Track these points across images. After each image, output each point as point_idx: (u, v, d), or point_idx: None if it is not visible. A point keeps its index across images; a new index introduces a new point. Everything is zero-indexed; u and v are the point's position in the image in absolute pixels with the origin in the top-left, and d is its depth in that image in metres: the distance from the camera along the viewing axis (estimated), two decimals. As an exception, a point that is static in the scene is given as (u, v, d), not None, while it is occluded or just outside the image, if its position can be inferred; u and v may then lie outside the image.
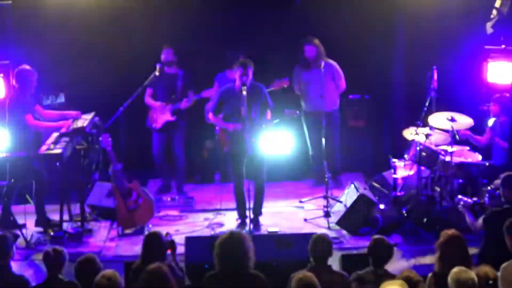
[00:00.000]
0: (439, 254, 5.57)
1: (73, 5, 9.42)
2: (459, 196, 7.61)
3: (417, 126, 8.10)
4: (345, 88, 9.51)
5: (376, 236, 5.80)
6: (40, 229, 8.24)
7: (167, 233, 6.25)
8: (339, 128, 9.65)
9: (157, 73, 8.99)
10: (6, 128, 8.16)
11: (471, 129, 8.51)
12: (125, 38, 9.80)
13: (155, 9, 9.79)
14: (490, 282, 5.08)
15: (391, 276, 5.39)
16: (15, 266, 6.00)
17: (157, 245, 5.83)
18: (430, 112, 8.37)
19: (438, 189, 8.16)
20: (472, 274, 4.98)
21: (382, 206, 8.28)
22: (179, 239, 7.44)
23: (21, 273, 5.97)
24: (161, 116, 9.19)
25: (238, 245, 5.22)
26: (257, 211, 8.22)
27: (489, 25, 9.18)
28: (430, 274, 5.48)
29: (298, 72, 9.47)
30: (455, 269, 5.00)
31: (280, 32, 9.87)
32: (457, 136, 8.15)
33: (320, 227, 8.27)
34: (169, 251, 6.12)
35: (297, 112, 8.24)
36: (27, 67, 8.19)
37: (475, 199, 7.53)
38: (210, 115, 8.21)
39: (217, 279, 5.23)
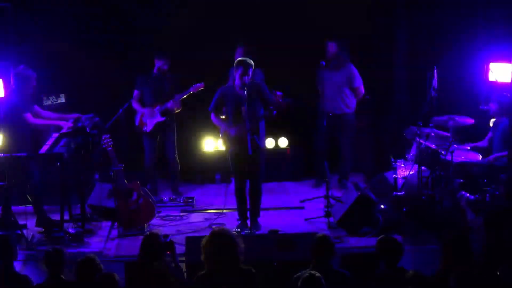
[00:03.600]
0: (443, 253, 5.57)
1: (73, 6, 9.42)
2: (462, 192, 7.57)
3: (418, 126, 8.09)
4: (363, 93, 9.48)
5: (381, 237, 5.78)
6: (40, 229, 8.26)
7: (166, 235, 6.26)
8: (352, 132, 9.63)
9: (157, 74, 9.02)
10: (3, 129, 8.15)
11: (471, 129, 8.51)
12: (126, 39, 9.82)
13: (156, 9, 9.80)
14: (490, 281, 5.08)
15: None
16: (16, 266, 6.00)
17: (154, 247, 5.84)
18: (430, 112, 8.37)
19: (438, 189, 8.16)
20: (473, 273, 4.98)
21: (382, 206, 8.28)
22: (180, 239, 7.46)
23: (23, 274, 6.00)
24: (151, 119, 9.19)
25: (223, 241, 5.24)
26: (255, 213, 8.21)
27: None
28: (433, 274, 5.49)
29: (318, 71, 9.40)
30: (455, 269, 5.01)
31: (279, 33, 9.86)
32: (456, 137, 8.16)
33: (320, 227, 8.28)
34: (168, 253, 6.14)
35: (289, 101, 8.20)
36: (25, 67, 8.18)
37: (477, 196, 7.51)
38: (212, 116, 8.19)
39: (207, 278, 5.24)
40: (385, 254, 5.64)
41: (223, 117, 8.18)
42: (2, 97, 8.97)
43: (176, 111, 9.24)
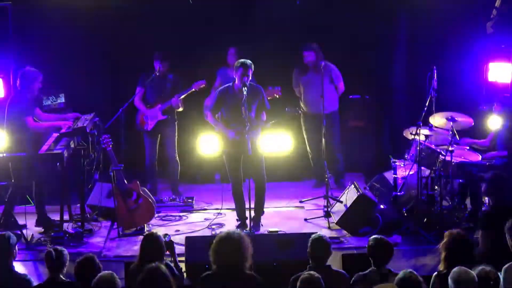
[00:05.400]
0: (444, 254, 5.56)
1: (73, 6, 9.41)
2: None
3: (417, 126, 8.10)
4: (344, 90, 9.53)
5: (375, 236, 5.80)
6: (40, 229, 8.26)
7: (166, 234, 6.27)
8: (340, 129, 9.66)
9: (157, 73, 9.03)
10: (5, 128, 8.15)
11: (471, 129, 8.52)
12: (125, 39, 9.82)
13: (155, 9, 9.79)
14: (491, 282, 5.07)
15: (395, 275, 5.39)
16: (15, 266, 6.00)
17: (154, 246, 5.84)
18: (430, 112, 8.38)
19: (438, 189, 8.16)
20: (473, 274, 4.97)
21: (382, 206, 8.28)
22: (179, 239, 7.47)
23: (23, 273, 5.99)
24: (152, 117, 9.19)
25: (234, 244, 5.24)
26: (259, 211, 8.23)
27: (489, 25, 9.20)
28: (434, 274, 5.49)
29: (297, 75, 9.50)
30: (456, 269, 5.00)
31: (279, 33, 9.85)
32: (457, 136, 8.15)
33: (320, 227, 8.28)
34: (167, 252, 6.15)
35: (298, 110, 8.23)
36: (32, 68, 8.18)
37: None
38: (209, 116, 8.19)
39: (212, 278, 5.25)
40: (373, 254, 5.65)
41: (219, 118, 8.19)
42: (2, 97, 8.96)
43: (179, 110, 9.24)
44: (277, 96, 9.08)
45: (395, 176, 8.51)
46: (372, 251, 5.69)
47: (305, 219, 8.60)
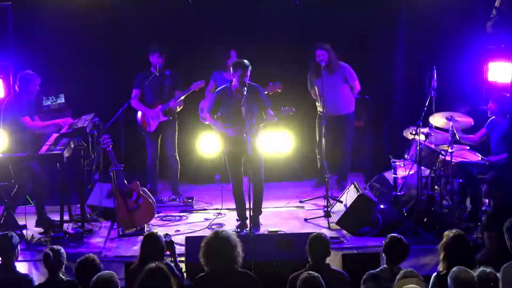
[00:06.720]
0: (443, 254, 5.56)
1: (73, 6, 9.42)
2: None
3: (417, 126, 8.10)
4: (360, 89, 9.47)
5: (392, 235, 5.79)
6: (40, 229, 8.26)
7: (166, 234, 6.28)
8: (353, 132, 9.64)
9: (157, 73, 9.02)
10: (4, 129, 8.15)
11: (471, 129, 8.52)
12: (125, 39, 9.82)
13: (154, 9, 9.80)
14: (491, 284, 5.06)
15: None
16: (16, 266, 6.00)
17: (155, 246, 5.85)
18: (430, 112, 8.38)
19: (438, 189, 8.16)
20: (472, 274, 4.97)
21: (382, 206, 8.28)
22: (179, 239, 7.47)
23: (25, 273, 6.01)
24: (154, 119, 9.18)
25: (224, 243, 5.26)
26: (257, 211, 8.22)
27: (489, 24, 9.20)
28: (434, 274, 5.48)
29: (311, 77, 9.44)
30: (455, 269, 5.00)
31: (279, 33, 9.86)
32: (457, 136, 8.15)
33: (320, 227, 8.28)
34: (168, 252, 6.15)
35: (293, 109, 8.21)
36: (30, 71, 8.19)
37: None
38: (208, 117, 8.19)
39: (207, 279, 5.26)
40: (389, 252, 5.65)
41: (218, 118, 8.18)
42: (1, 98, 8.97)
43: (178, 110, 9.25)
44: (279, 91, 9.07)
45: (395, 176, 8.50)
46: (387, 249, 5.68)
47: (305, 219, 8.60)
